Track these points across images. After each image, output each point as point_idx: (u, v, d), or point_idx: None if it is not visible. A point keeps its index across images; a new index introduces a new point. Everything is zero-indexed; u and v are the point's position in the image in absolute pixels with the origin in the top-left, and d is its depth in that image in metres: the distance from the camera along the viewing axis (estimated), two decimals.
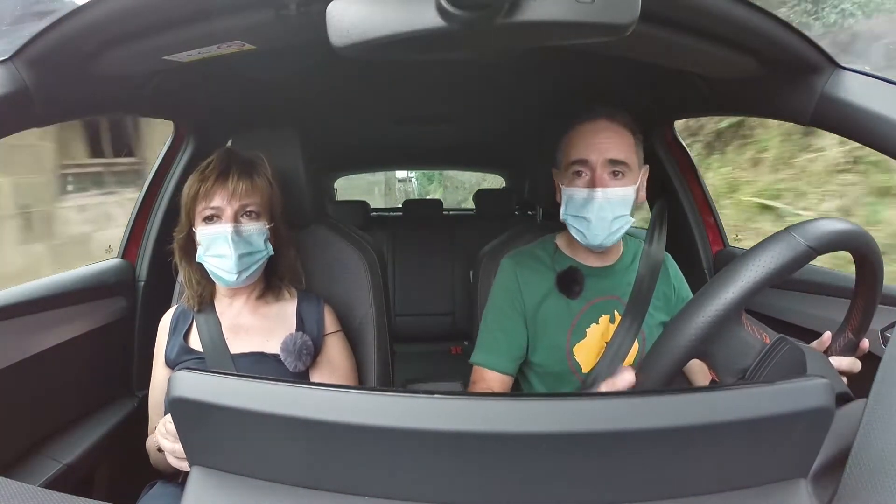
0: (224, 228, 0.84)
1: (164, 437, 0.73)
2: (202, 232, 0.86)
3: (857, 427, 0.43)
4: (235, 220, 0.86)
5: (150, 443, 0.89)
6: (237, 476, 0.41)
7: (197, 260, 0.88)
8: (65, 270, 1.11)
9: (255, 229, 0.87)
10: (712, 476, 0.40)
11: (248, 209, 0.87)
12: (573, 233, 0.90)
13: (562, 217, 0.91)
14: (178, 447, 0.70)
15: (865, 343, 0.65)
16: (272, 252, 0.90)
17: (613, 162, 0.86)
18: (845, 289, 0.62)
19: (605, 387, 0.65)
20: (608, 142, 0.86)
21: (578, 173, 0.87)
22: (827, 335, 0.67)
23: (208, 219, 0.86)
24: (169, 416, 0.71)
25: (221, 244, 0.85)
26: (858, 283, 0.59)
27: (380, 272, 1.09)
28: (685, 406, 0.38)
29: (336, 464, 0.40)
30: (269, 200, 0.90)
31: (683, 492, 0.39)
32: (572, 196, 0.88)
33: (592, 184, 0.85)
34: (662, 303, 0.95)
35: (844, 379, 0.64)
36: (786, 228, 0.53)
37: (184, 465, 0.71)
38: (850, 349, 0.65)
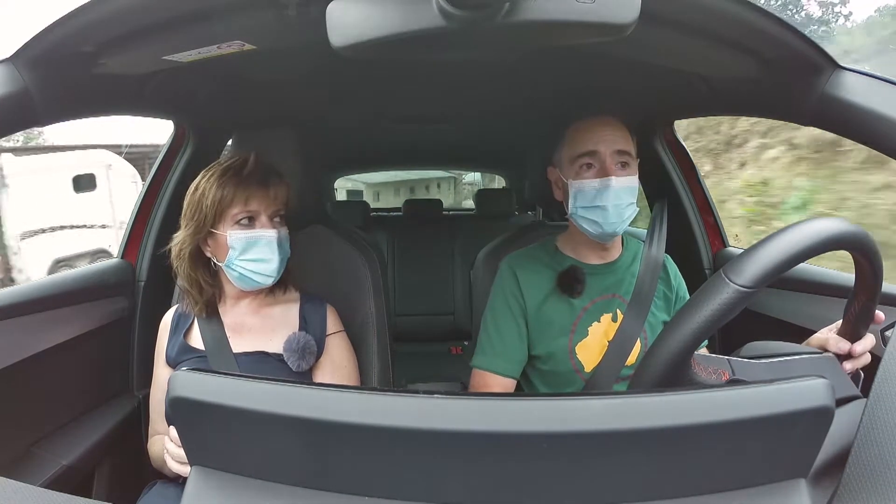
0: (269, 233, 0.85)
1: (171, 441, 0.74)
2: (237, 235, 0.85)
3: (857, 427, 0.43)
4: (272, 224, 0.87)
5: (155, 447, 0.89)
6: (237, 476, 0.41)
7: (224, 264, 0.87)
8: None
9: (286, 234, 0.90)
10: (712, 476, 0.40)
11: (280, 213, 0.89)
12: (585, 225, 0.89)
13: (570, 212, 0.90)
14: (182, 452, 0.70)
15: (881, 316, 0.63)
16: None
17: (621, 153, 0.87)
18: (845, 288, 0.62)
19: None
20: (614, 134, 0.88)
21: (588, 165, 0.88)
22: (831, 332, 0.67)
23: (243, 222, 0.85)
24: None
25: (264, 248, 0.85)
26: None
27: (380, 272, 1.09)
28: (685, 406, 0.38)
29: (336, 464, 0.40)
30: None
31: (683, 492, 0.39)
32: (582, 188, 0.88)
33: (604, 173, 0.86)
34: (663, 302, 0.96)
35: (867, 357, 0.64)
36: (720, 269, 0.50)
37: (185, 470, 0.71)
38: (866, 314, 0.63)
